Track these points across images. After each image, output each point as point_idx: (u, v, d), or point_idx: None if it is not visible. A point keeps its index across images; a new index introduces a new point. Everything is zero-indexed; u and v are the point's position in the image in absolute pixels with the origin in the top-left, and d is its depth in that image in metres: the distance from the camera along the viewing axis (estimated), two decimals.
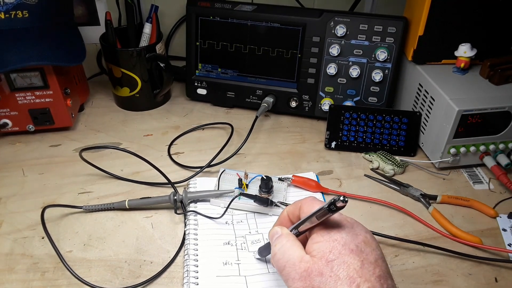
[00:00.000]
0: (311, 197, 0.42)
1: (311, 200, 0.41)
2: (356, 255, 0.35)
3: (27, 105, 0.68)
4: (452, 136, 0.62)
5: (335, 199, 0.34)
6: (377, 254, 0.36)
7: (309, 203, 0.40)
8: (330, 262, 0.34)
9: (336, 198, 0.34)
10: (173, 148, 0.71)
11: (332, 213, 0.35)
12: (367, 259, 0.35)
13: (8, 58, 0.61)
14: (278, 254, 0.38)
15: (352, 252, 0.35)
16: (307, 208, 0.40)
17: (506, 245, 0.55)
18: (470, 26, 0.67)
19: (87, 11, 0.81)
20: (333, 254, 0.35)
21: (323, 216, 0.36)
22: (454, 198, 0.61)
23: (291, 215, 0.43)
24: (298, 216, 0.41)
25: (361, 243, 0.36)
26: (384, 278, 0.34)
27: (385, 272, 0.35)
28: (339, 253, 0.35)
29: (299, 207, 0.41)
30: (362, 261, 0.34)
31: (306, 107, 0.77)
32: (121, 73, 0.75)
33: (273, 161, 0.69)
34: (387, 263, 0.37)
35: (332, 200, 0.35)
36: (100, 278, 0.49)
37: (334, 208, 0.35)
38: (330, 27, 0.71)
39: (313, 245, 0.37)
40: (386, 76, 0.72)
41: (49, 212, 0.56)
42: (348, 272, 0.34)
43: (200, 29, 0.76)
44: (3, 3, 0.62)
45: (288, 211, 0.43)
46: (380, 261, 0.36)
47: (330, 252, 0.35)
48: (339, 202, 0.34)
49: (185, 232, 0.54)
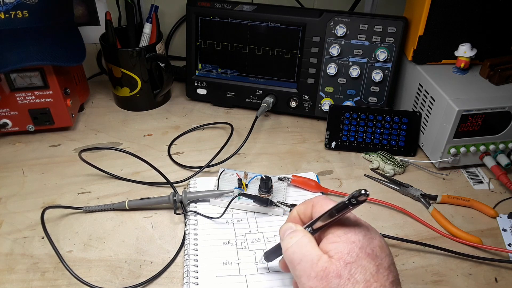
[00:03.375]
0: (322, 195, 0.41)
1: (324, 199, 0.40)
2: (372, 259, 0.34)
3: (27, 105, 0.68)
4: (452, 136, 0.62)
5: (356, 193, 0.33)
6: (390, 260, 0.36)
7: (322, 201, 0.39)
8: (349, 264, 0.34)
9: (357, 193, 0.33)
10: (173, 148, 0.71)
11: (353, 207, 0.34)
12: (382, 264, 0.34)
13: (8, 58, 0.61)
14: (294, 247, 0.37)
15: (369, 256, 0.34)
16: (320, 207, 0.39)
17: (506, 245, 0.55)
18: (470, 26, 0.67)
19: (87, 11, 0.81)
20: (351, 256, 0.34)
21: (342, 210, 0.35)
22: (454, 198, 0.61)
23: (302, 215, 0.41)
24: (310, 216, 0.40)
25: (377, 248, 0.35)
26: (396, 284, 0.34)
27: (396, 278, 0.35)
28: (357, 256, 0.34)
29: (311, 206, 0.40)
30: (377, 266, 0.34)
31: (306, 107, 0.77)
32: (121, 73, 0.75)
33: (273, 161, 0.69)
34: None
35: (354, 194, 0.33)
36: (100, 278, 0.49)
37: (355, 201, 0.33)
38: (330, 27, 0.71)
39: (329, 244, 0.36)
40: (386, 76, 0.72)
41: (49, 212, 0.56)
42: (365, 276, 0.33)
43: (200, 29, 0.76)
44: (3, 3, 0.62)
45: (298, 211, 0.42)
46: (393, 267, 0.35)
47: (348, 254, 0.34)
48: (361, 196, 0.33)
49: (185, 232, 0.54)
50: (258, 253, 0.52)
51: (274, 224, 0.56)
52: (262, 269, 0.50)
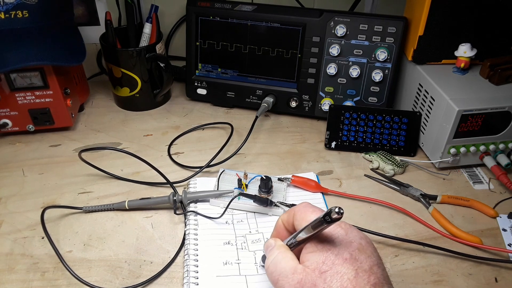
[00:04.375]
0: (304, 203, 0.41)
1: (304, 207, 0.40)
2: (350, 264, 0.34)
3: (27, 105, 0.68)
4: (452, 136, 0.62)
5: (330, 210, 0.33)
6: (372, 260, 0.35)
7: (302, 210, 0.39)
8: (323, 273, 0.34)
9: (332, 209, 0.33)
10: (173, 148, 0.71)
11: (327, 225, 0.34)
12: (361, 267, 0.34)
13: (8, 58, 0.61)
14: (271, 267, 0.37)
15: (346, 261, 0.34)
16: (300, 215, 0.39)
17: (506, 245, 0.55)
18: (470, 26, 0.67)
19: (87, 11, 0.81)
20: (326, 265, 0.34)
21: (318, 226, 0.35)
22: (454, 198, 0.61)
23: (286, 223, 0.41)
24: (292, 224, 0.40)
25: (355, 251, 0.35)
26: (380, 285, 0.34)
27: (381, 279, 0.34)
28: (332, 263, 0.34)
29: (292, 215, 0.40)
30: (356, 270, 0.34)
31: (306, 107, 0.77)
32: (121, 73, 0.75)
33: (273, 161, 0.69)
34: (385, 267, 0.36)
35: (328, 211, 0.33)
36: (100, 278, 0.49)
37: (329, 219, 0.33)
38: (330, 27, 0.71)
39: (307, 255, 0.36)
40: (386, 76, 0.72)
41: (49, 212, 0.56)
42: (342, 283, 0.33)
43: (200, 29, 0.76)
44: (3, 3, 0.62)
45: (282, 219, 0.42)
46: (376, 267, 0.35)
47: (323, 263, 0.34)
48: (334, 214, 0.32)
49: (185, 232, 0.54)
50: (258, 254, 0.52)
51: (274, 224, 0.56)
52: (262, 270, 0.50)
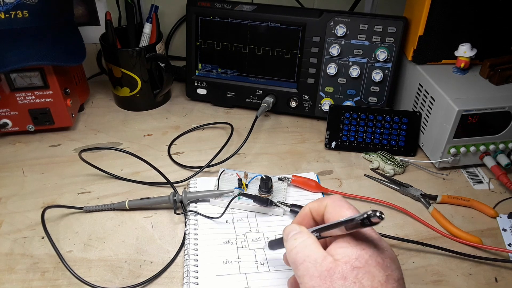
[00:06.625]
0: (338, 196, 0.40)
1: (340, 200, 0.38)
2: (382, 268, 0.33)
3: (27, 105, 0.68)
4: (452, 136, 0.62)
5: (370, 214, 0.32)
6: (400, 274, 0.35)
7: (336, 203, 0.38)
8: (356, 268, 0.33)
9: (372, 214, 0.31)
10: (173, 148, 0.71)
11: (364, 227, 0.33)
12: (391, 276, 0.34)
13: (8, 58, 0.61)
14: (298, 247, 0.36)
15: (379, 264, 0.33)
16: (334, 208, 0.38)
17: (506, 245, 0.55)
18: (470, 26, 0.67)
19: (87, 11, 0.81)
20: (359, 262, 0.33)
21: (353, 228, 0.34)
22: (454, 198, 0.61)
23: (315, 213, 0.40)
24: (322, 215, 0.39)
25: (387, 259, 0.34)
26: None
27: None
28: (366, 262, 0.33)
29: (324, 206, 0.39)
30: (387, 276, 0.33)
31: (306, 107, 0.77)
32: (121, 73, 0.75)
33: (273, 161, 0.69)
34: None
35: (367, 215, 0.32)
36: (100, 278, 0.49)
37: (368, 223, 0.32)
38: (330, 27, 0.71)
39: (338, 249, 0.35)
40: (386, 76, 0.72)
41: (49, 212, 0.56)
42: (373, 283, 0.32)
43: (200, 29, 0.76)
44: (3, 3, 0.63)
45: (311, 208, 0.40)
46: (402, 281, 0.35)
47: (356, 259, 0.33)
48: (375, 218, 0.31)
49: (185, 232, 0.54)
50: (259, 252, 0.52)
51: (274, 224, 0.56)
52: (263, 268, 0.50)
